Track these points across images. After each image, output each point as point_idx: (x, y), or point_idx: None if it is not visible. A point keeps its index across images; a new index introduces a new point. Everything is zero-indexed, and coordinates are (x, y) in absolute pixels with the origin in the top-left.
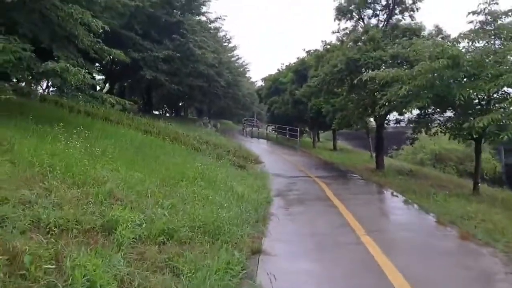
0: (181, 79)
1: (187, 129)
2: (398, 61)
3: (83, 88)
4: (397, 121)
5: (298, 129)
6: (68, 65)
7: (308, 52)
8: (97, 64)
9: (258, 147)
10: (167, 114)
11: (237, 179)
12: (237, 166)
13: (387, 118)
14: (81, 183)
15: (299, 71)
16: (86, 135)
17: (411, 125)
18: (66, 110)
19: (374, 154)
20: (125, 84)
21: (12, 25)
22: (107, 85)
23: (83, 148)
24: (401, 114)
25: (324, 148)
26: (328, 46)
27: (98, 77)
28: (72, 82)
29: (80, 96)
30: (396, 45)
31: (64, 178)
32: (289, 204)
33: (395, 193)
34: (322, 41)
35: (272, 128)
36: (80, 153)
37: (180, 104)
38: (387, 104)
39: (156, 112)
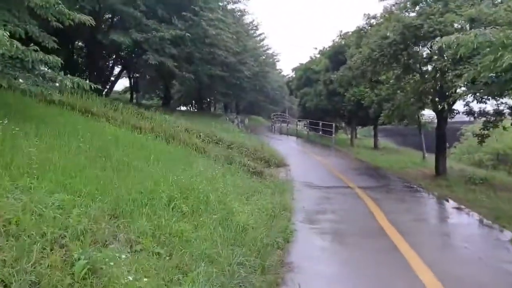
0: (197, 67)
1: (205, 125)
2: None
3: (28, 66)
4: (469, 113)
5: (333, 125)
6: None
7: (344, 35)
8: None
9: (286, 145)
10: (196, 110)
11: (245, 195)
12: (251, 172)
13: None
14: None
15: (335, 56)
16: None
17: (481, 118)
18: (32, 100)
19: (427, 155)
20: (144, 76)
21: None
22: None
23: None
24: (494, 98)
25: (363, 146)
26: (373, 20)
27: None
28: None
29: (21, 77)
30: (475, 4)
31: None
32: (320, 243)
33: (485, 222)
34: (364, 14)
35: (304, 124)
36: None
37: (209, 99)
38: (466, 85)
39: (184, 108)
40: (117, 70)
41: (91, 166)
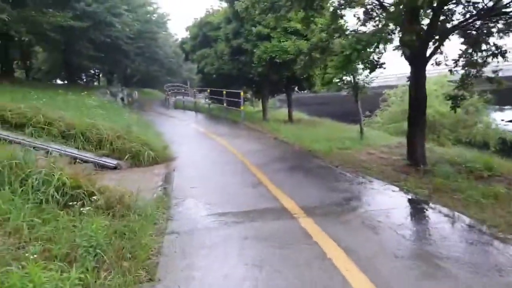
0: (28, 12)
1: (43, 101)
2: None
3: None
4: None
5: (241, 94)
6: None
7: None
8: None
9: (179, 124)
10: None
11: None
12: (64, 204)
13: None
14: None
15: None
16: None
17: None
18: None
19: (347, 126)
20: None
21: None
22: None
23: None
24: None
25: (276, 120)
26: None
27: None
28: None
29: None
30: None
31: None
32: None
33: None
34: None
35: (205, 96)
36: None
37: (94, 72)
38: None
39: (61, 82)
40: None
41: None
